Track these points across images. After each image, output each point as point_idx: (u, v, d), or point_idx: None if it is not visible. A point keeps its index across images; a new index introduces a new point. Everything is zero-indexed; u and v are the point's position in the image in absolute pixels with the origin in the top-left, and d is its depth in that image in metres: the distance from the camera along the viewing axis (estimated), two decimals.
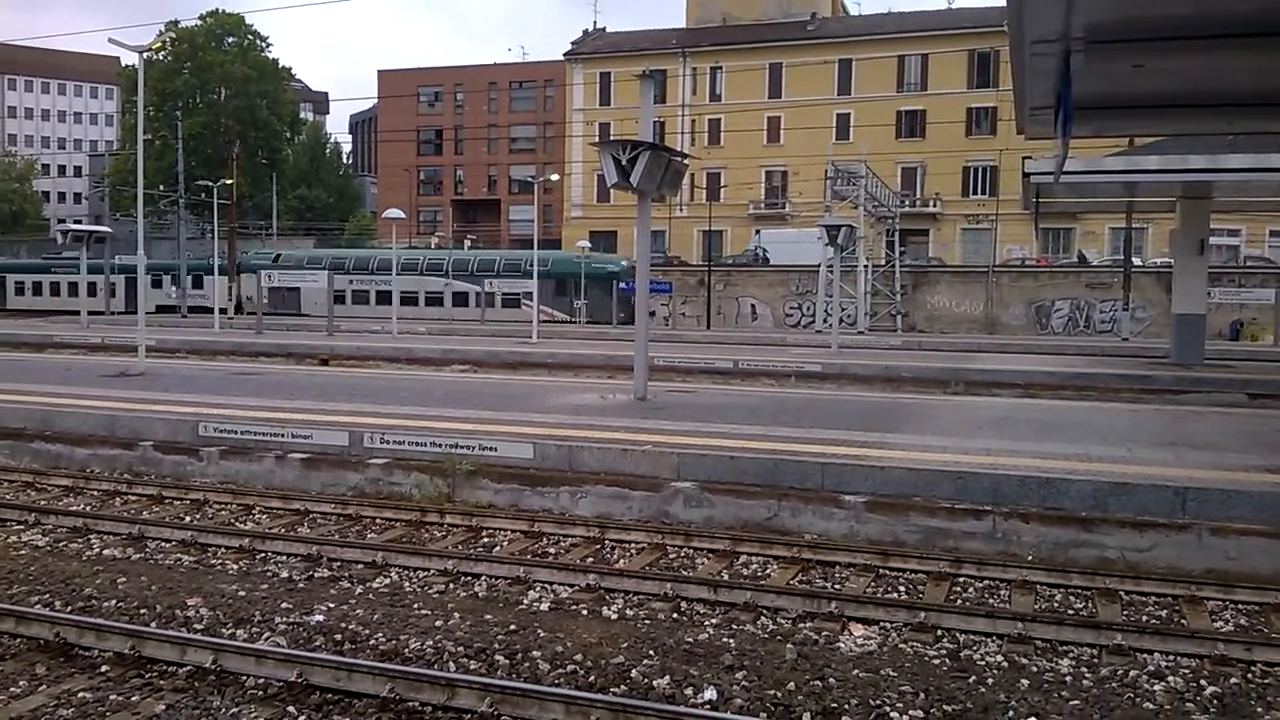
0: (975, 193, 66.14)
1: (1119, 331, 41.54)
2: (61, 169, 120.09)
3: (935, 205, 66.48)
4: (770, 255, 56.09)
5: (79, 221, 57.81)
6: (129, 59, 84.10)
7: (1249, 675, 6.64)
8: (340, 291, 45.86)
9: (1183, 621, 7.71)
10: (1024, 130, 16.34)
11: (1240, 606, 8.03)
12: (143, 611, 7.56)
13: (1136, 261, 45.28)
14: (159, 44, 66.68)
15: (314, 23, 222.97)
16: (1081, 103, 12.44)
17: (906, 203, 63.40)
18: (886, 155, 61.30)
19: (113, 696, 6.03)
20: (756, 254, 57.81)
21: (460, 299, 54.05)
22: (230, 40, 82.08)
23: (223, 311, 45.29)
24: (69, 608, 7.62)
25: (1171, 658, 6.88)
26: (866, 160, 48.80)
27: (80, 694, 6.06)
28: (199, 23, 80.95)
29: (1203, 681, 6.50)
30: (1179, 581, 8.37)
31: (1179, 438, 12.84)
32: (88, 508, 11.30)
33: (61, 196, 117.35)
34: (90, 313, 44.41)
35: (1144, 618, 7.84)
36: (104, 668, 6.45)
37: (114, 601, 7.78)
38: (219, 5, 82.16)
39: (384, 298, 45.64)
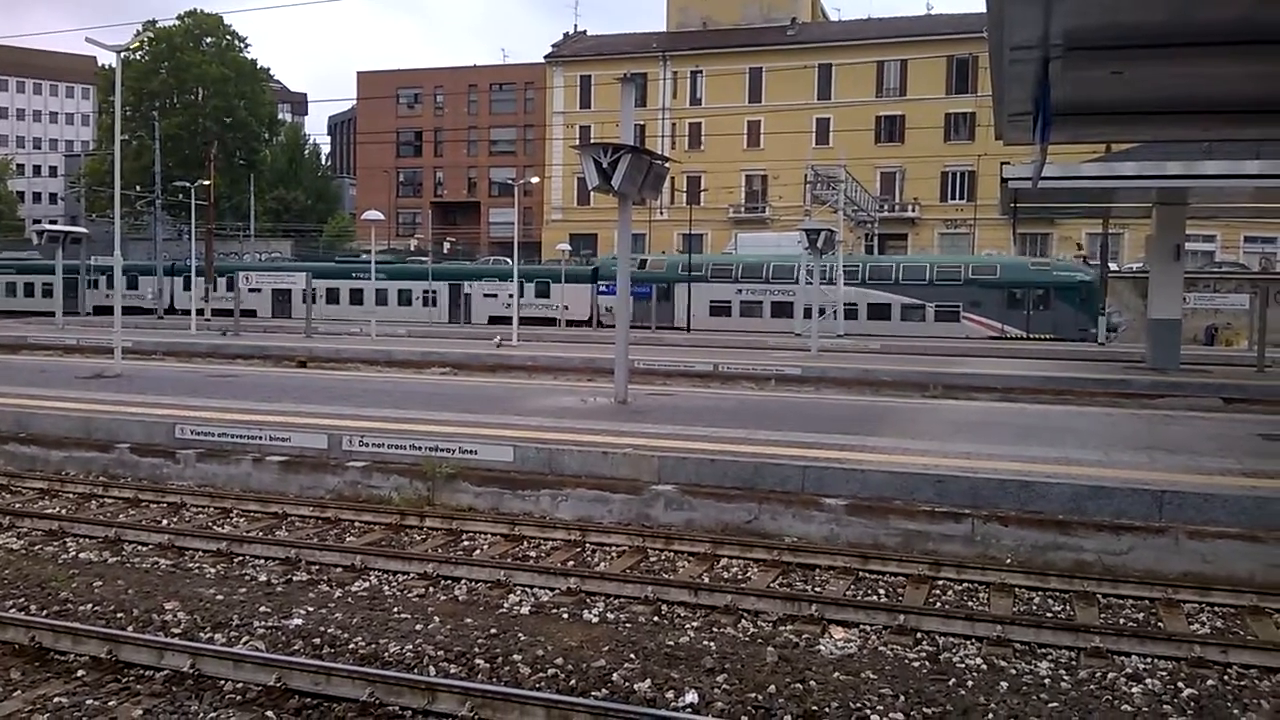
0: (953, 198, 66.51)
1: (1096, 336, 41.82)
2: (37, 169, 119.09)
3: (914, 210, 66.81)
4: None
5: (55, 222, 57.25)
6: (106, 59, 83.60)
7: (1225, 677, 6.70)
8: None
9: (1160, 624, 7.77)
10: (1002, 136, 16.44)
11: (1216, 609, 8.09)
12: (119, 615, 7.49)
13: (1113, 266, 45.59)
14: (137, 44, 66.44)
15: (291, 23, 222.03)
16: (1060, 109, 12.53)
17: (885, 207, 63.73)
18: (866, 160, 61.51)
19: (89, 701, 5.98)
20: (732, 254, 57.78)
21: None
22: (209, 40, 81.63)
23: (199, 313, 44.92)
24: (44, 612, 7.55)
25: (1149, 660, 6.92)
26: (846, 165, 48.94)
27: (56, 699, 6.00)
28: (177, 23, 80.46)
29: (1180, 684, 6.55)
30: (1156, 584, 8.43)
31: (1155, 441, 12.94)
32: (63, 510, 11.19)
33: (37, 196, 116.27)
34: (65, 314, 44.04)
35: (1122, 620, 7.90)
36: (80, 672, 6.39)
37: (90, 605, 7.71)
38: (197, 5, 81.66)
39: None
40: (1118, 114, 15.43)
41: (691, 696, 6.10)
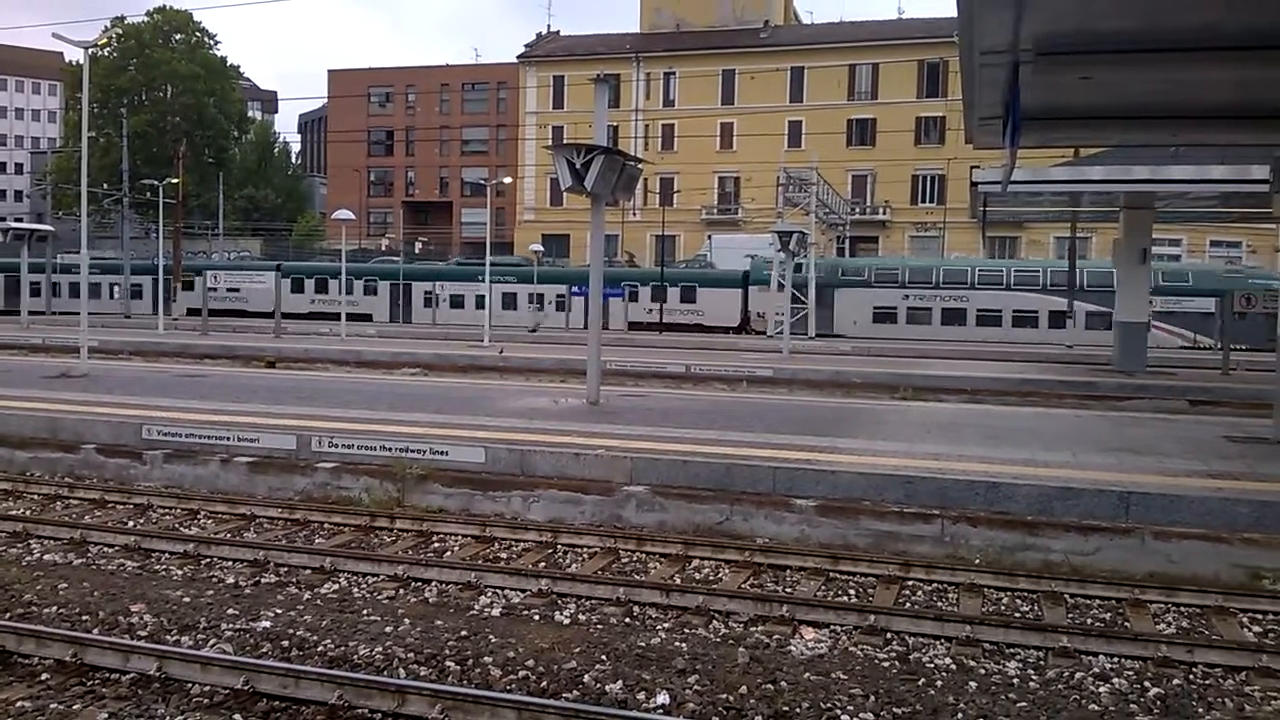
0: (924, 201, 66.93)
1: (1063, 338, 42.16)
2: (2, 166, 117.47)
3: (884, 213, 67.17)
4: (718, 261, 55.29)
5: (20, 219, 56.51)
6: (74, 55, 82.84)
7: (1190, 676, 6.77)
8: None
9: (1126, 624, 7.84)
10: (973, 140, 16.52)
11: (1182, 609, 8.18)
12: (85, 618, 7.40)
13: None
14: (105, 40, 65.63)
15: (260, 20, 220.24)
16: (1029, 113, 12.61)
17: (857, 210, 64.04)
18: (837, 163, 61.79)
19: (53, 705, 5.90)
20: (705, 257, 57.90)
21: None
22: (178, 37, 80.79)
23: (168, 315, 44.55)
24: (7, 614, 7.44)
25: (1116, 660, 6.99)
26: (818, 167, 49.15)
27: (19, 703, 5.91)
28: (146, 19, 79.64)
29: (1146, 683, 6.62)
30: (1123, 584, 8.52)
31: (1122, 443, 13.07)
32: (28, 512, 11.04)
33: (2, 194, 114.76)
34: (31, 313, 43.52)
35: (1089, 620, 7.97)
36: (44, 676, 6.30)
37: (55, 608, 7.61)
38: (167, 2, 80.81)
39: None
40: (1087, 118, 15.57)
41: (663, 698, 6.10)
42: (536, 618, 7.74)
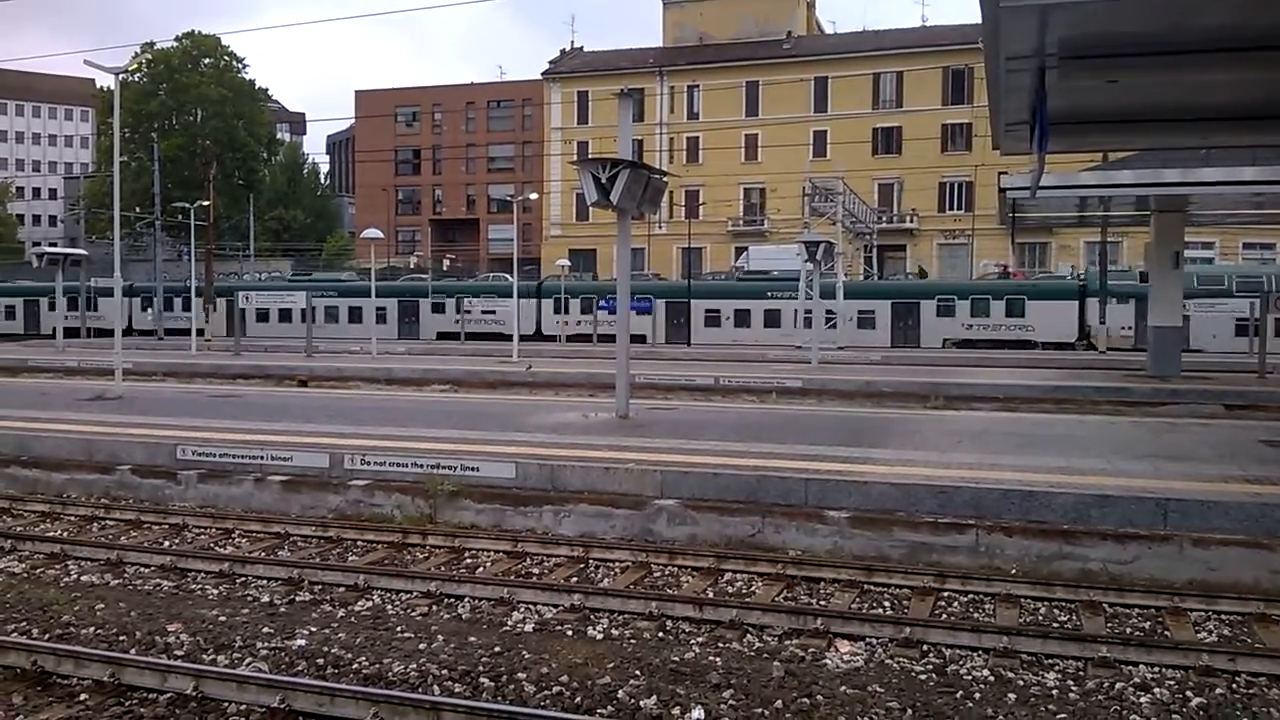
0: (951, 208, 66.63)
1: (1096, 344, 41.80)
2: (36, 191, 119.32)
3: (912, 221, 66.93)
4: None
5: (54, 244, 57.34)
6: (104, 81, 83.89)
7: (1234, 686, 6.66)
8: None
9: (1167, 633, 7.73)
10: (1000, 146, 16.48)
11: (1223, 617, 8.06)
12: (122, 638, 7.46)
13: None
14: (135, 65, 66.63)
15: (287, 43, 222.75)
16: (1056, 118, 12.56)
17: (884, 219, 63.79)
18: (863, 172, 61.61)
19: None
20: (743, 269, 57.46)
21: None
22: (207, 61, 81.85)
23: (199, 333, 44.90)
24: (46, 635, 7.52)
25: (1157, 669, 6.89)
26: (844, 177, 49.02)
27: None
28: (175, 44, 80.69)
29: (1189, 693, 6.52)
30: (1162, 593, 8.40)
31: (1158, 449, 12.92)
32: (65, 533, 11.17)
33: (36, 219, 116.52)
34: (65, 335, 44.08)
35: (1128, 630, 7.86)
36: (83, 696, 6.36)
37: (93, 629, 7.68)
38: (196, 27, 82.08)
39: None
40: (1114, 122, 15.48)
41: (698, 713, 6.07)
42: (569, 633, 7.73)
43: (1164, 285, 26.85)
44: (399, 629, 7.70)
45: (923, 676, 6.82)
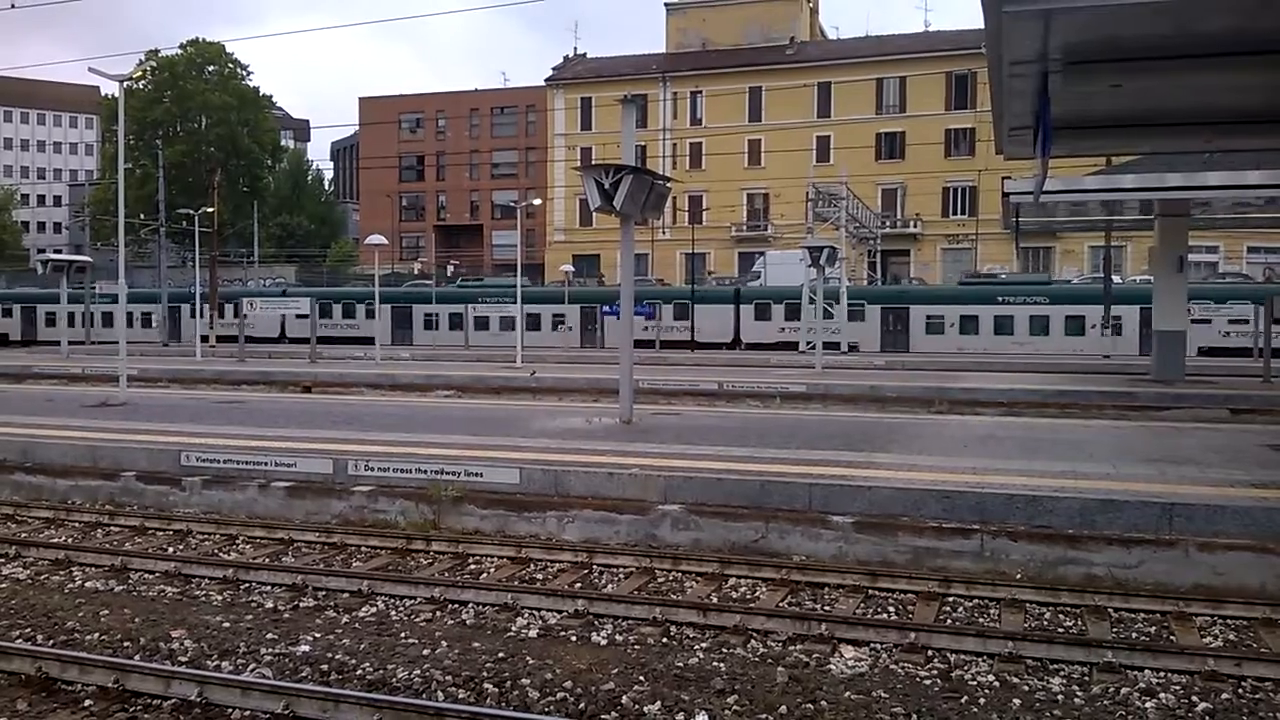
0: (955, 213, 66.65)
1: (1101, 349, 41.73)
2: (41, 199, 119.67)
3: (916, 226, 66.96)
4: (771, 279, 52.82)
5: (59, 251, 57.44)
6: (109, 88, 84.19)
7: (1240, 691, 6.64)
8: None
9: (1172, 638, 7.71)
10: (1003, 150, 16.48)
11: (1229, 622, 8.03)
12: (126, 644, 7.46)
13: (1116, 279, 45.53)
14: (139, 73, 66.78)
15: (291, 50, 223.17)
16: (1060, 122, 12.56)
17: (887, 223, 63.87)
18: (867, 177, 61.65)
19: None
20: (759, 275, 57.12)
21: None
22: (211, 69, 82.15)
23: (204, 339, 44.93)
24: (51, 642, 7.52)
25: (1162, 674, 6.86)
26: (847, 182, 49.01)
27: None
28: (179, 52, 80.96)
29: (1194, 698, 6.50)
30: (1167, 597, 8.38)
31: (1163, 454, 12.89)
32: (69, 539, 11.17)
33: (41, 226, 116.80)
34: (70, 342, 44.17)
35: (1134, 634, 7.84)
36: (87, 702, 6.36)
37: (97, 635, 7.68)
38: (199, 34, 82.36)
39: None
40: (1118, 127, 15.48)
41: (702, 719, 6.06)
42: (573, 638, 7.72)
43: (1168, 289, 26.80)
44: (403, 635, 7.70)
45: (927, 682, 6.80)
